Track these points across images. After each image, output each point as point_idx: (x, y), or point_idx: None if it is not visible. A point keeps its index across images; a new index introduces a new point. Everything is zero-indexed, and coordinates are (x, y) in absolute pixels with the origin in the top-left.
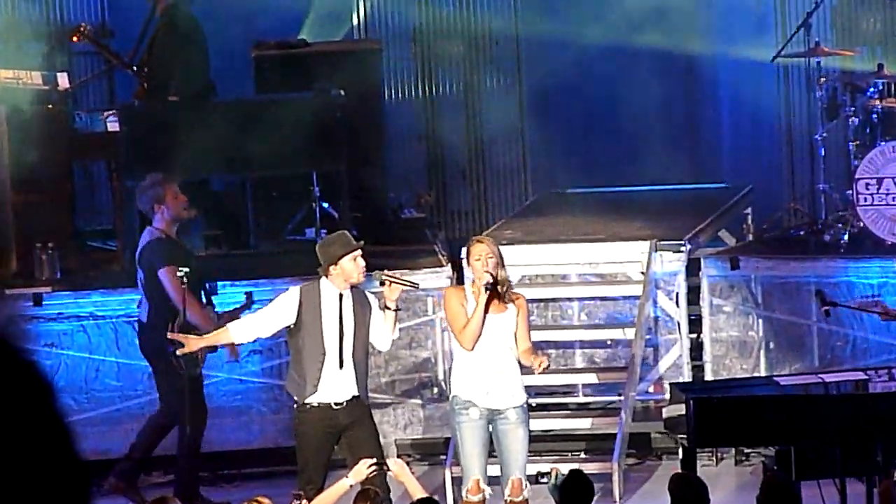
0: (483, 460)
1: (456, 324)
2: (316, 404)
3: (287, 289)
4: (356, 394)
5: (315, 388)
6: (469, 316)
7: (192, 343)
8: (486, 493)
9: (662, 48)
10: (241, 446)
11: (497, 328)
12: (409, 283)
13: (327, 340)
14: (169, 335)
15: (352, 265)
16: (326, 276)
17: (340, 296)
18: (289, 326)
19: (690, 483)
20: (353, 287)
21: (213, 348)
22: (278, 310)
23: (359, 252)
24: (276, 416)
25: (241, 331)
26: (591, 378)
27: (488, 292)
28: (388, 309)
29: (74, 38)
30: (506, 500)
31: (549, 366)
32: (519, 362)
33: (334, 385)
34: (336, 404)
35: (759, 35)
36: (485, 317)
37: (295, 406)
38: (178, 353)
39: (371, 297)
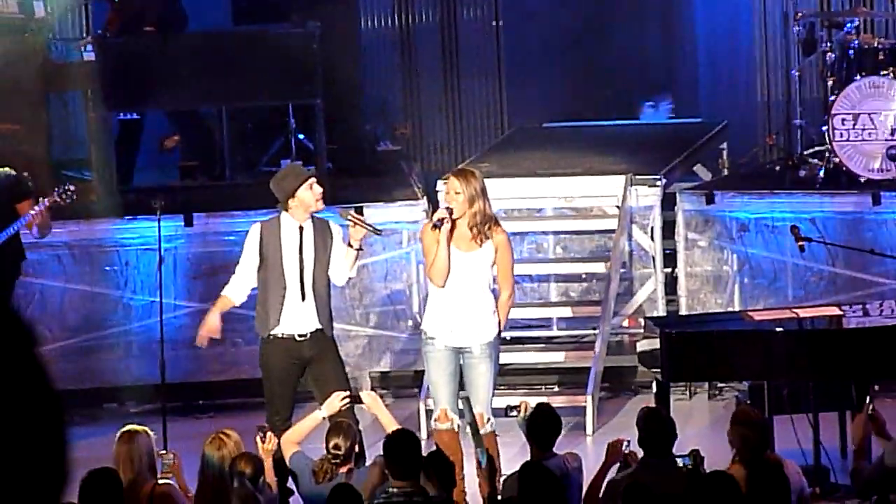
0: (450, 390)
1: (427, 260)
2: (280, 335)
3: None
4: (319, 326)
5: (277, 321)
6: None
7: (211, 323)
8: (455, 422)
9: None
10: (215, 377)
11: (467, 265)
12: (370, 228)
13: (288, 273)
14: (198, 340)
15: (308, 194)
16: (287, 210)
17: (301, 228)
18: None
19: (658, 417)
20: (315, 218)
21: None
22: (248, 254)
23: (313, 180)
24: (250, 347)
25: (237, 291)
26: (566, 312)
27: (437, 229)
28: (351, 247)
29: None
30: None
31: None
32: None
33: (297, 317)
34: (300, 335)
35: None
36: (449, 252)
37: (259, 339)
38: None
39: (335, 227)
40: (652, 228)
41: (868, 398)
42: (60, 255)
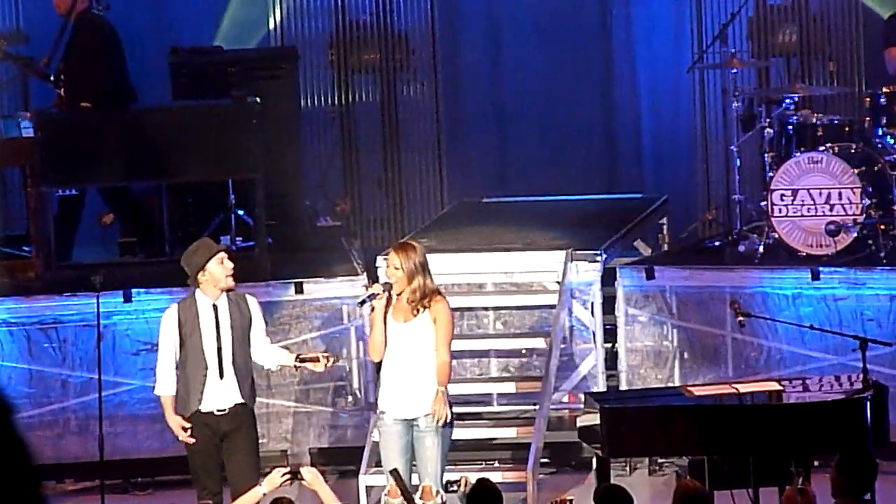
0: (401, 464)
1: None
2: (198, 412)
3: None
4: (240, 401)
5: (199, 399)
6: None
7: (176, 423)
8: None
9: (580, 57)
10: (155, 454)
11: (405, 337)
12: (324, 363)
13: (207, 353)
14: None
15: (219, 268)
16: (198, 286)
17: (215, 306)
18: None
19: (618, 495)
20: (230, 294)
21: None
22: (167, 338)
23: (223, 255)
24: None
25: (165, 383)
26: (507, 387)
27: (365, 303)
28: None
29: None
30: None
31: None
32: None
33: (216, 394)
34: (219, 411)
35: (676, 44)
36: (385, 327)
37: (182, 418)
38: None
39: (252, 303)
40: (592, 304)
41: (798, 473)
42: None
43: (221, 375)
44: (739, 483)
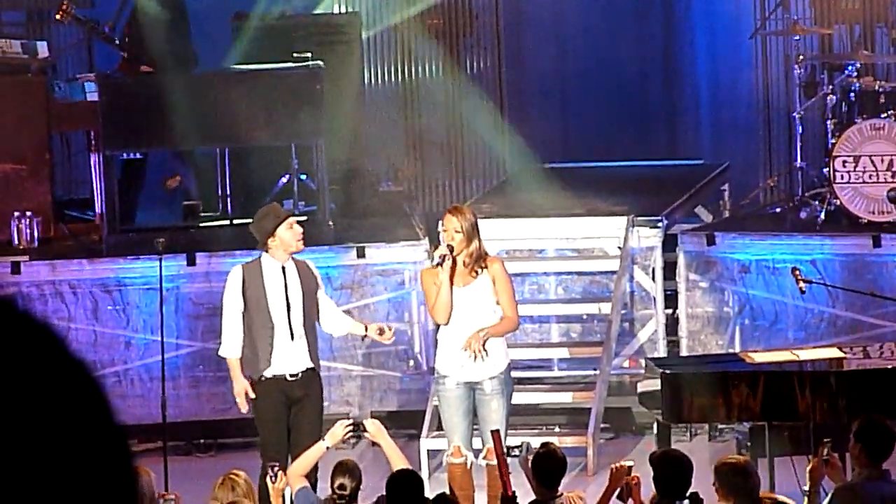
0: (463, 427)
1: (429, 302)
2: (271, 377)
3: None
4: (310, 365)
5: (268, 361)
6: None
7: (240, 387)
8: (469, 457)
9: (642, 24)
10: (217, 416)
11: (467, 300)
12: (390, 334)
13: (275, 314)
14: (241, 407)
15: (289, 233)
16: (267, 251)
17: (283, 268)
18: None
19: (676, 459)
20: (296, 259)
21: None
22: (231, 301)
23: (293, 219)
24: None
25: (235, 346)
26: (567, 352)
27: (439, 266)
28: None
29: (57, 17)
30: (485, 464)
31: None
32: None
33: (287, 357)
34: (291, 376)
35: (737, 11)
36: (451, 289)
37: (251, 382)
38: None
39: (316, 271)
40: (653, 269)
41: (825, 443)
42: (63, 293)
43: (292, 337)
44: (800, 449)
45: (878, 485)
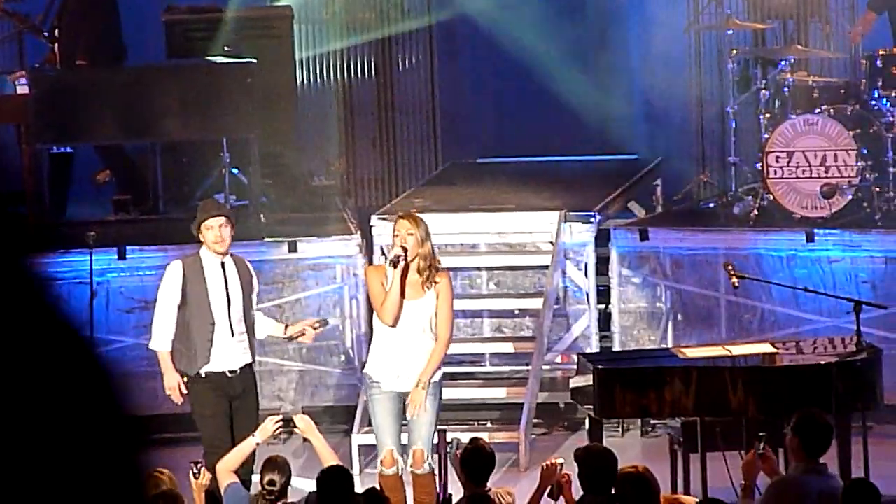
0: (395, 431)
1: (376, 301)
2: (210, 373)
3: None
4: (249, 361)
5: (207, 358)
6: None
7: (171, 382)
8: (400, 464)
9: (576, 18)
10: (148, 412)
11: (413, 314)
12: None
13: (215, 309)
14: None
15: (209, 234)
16: (203, 244)
17: (223, 264)
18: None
19: (601, 454)
20: (234, 255)
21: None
22: (169, 294)
23: (213, 221)
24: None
25: (163, 338)
26: (499, 348)
27: (395, 267)
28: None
29: None
30: (410, 472)
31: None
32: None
33: (227, 354)
34: (230, 372)
35: (670, 6)
36: (402, 292)
37: (186, 380)
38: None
39: (252, 270)
40: (586, 265)
41: (760, 437)
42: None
43: (232, 333)
44: (732, 445)
45: (814, 479)
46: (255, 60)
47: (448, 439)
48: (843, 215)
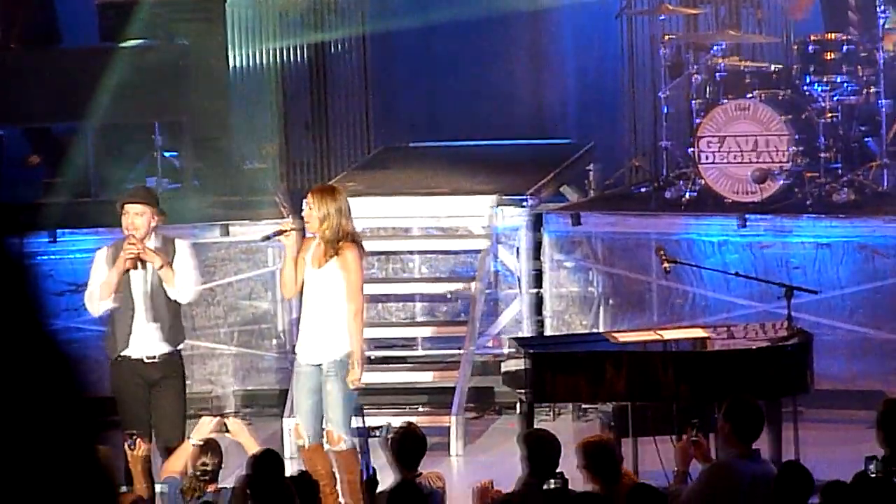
0: (306, 406)
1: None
2: (128, 358)
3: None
4: (169, 349)
5: (126, 343)
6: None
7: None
8: (307, 438)
9: (507, 2)
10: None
11: (316, 283)
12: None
13: (136, 294)
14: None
15: (123, 219)
16: None
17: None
18: None
19: (544, 439)
20: (165, 239)
21: None
22: (96, 276)
23: (131, 208)
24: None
25: (92, 306)
26: (432, 331)
27: (266, 238)
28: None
29: None
30: (330, 451)
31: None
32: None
33: (145, 339)
34: (148, 358)
35: None
36: (296, 266)
37: (109, 362)
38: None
39: (179, 245)
40: (518, 249)
41: (693, 424)
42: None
43: (151, 319)
44: (663, 430)
45: (747, 464)
46: (187, 43)
47: (379, 424)
48: (774, 201)
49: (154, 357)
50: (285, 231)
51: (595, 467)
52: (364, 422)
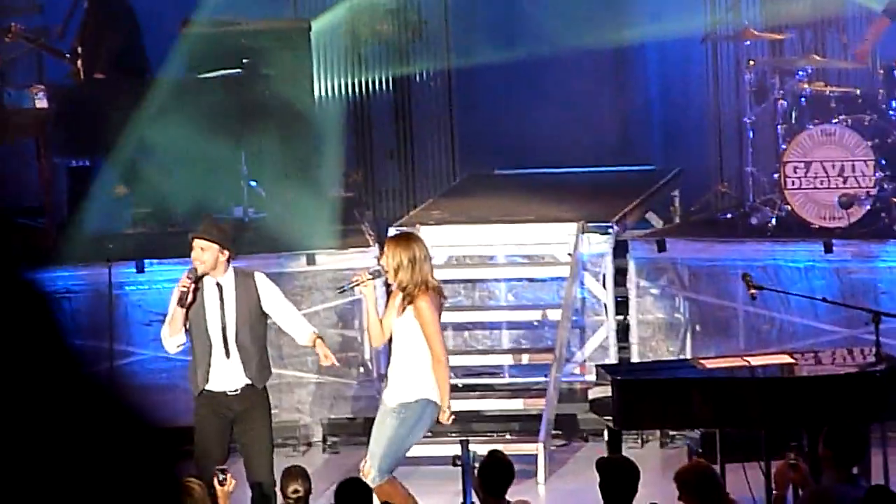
0: (373, 441)
1: None
2: (209, 391)
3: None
4: (248, 382)
5: (206, 378)
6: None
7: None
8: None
9: (593, 28)
10: (166, 423)
11: (396, 330)
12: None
13: (211, 330)
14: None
15: (192, 252)
16: None
17: (219, 284)
18: None
19: (620, 466)
20: (237, 271)
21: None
22: (174, 305)
23: (196, 242)
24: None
25: (165, 342)
26: (518, 359)
27: (344, 292)
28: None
29: (7, 39)
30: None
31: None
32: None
33: (224, 374)
34: (230, 392)
35: (688, 15)
36: (377, 314)
37: (193, 396)
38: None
39: (259, 279)
40: (604, 276)
41: (791, 448)
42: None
43: (227, 354)
44: (751, 456)
45: (847, 489)
46: (272, 73)
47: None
48: (861, 226)
49: (236, 390)
50: (362, 281)
51: (699, 495)
52: (468, 450)
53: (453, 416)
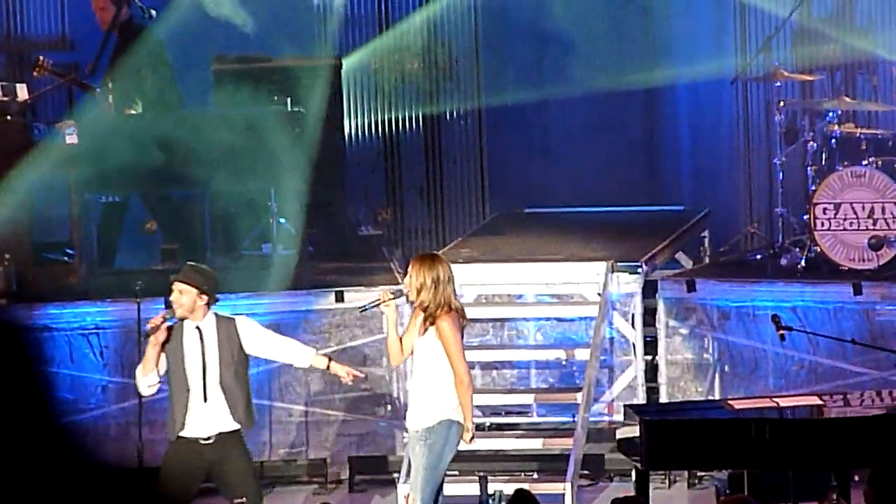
0: (408, 469)
1: None
2: (185, 437)
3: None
4: (226, 428)
5: (182, 424)
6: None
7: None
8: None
9: (623, 68)
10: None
11: (418, 351)
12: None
13: (191, 375)
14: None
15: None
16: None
17: (198, 328)
18: None
19: None
20: (218, 316)
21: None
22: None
23: (175, 285)
24: None
25: (138, 382)
26: (546, 398)
27: (365, 310)
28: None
29: (35, 73)
30: None
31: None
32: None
33: (201, 420)
34: (204, 439)
35: (719, 57)
36: (398, 334)
37: (168, 441)
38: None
39: (241, 323)
40: (633, 315)
41: (833, 488)
42: (39, 337)
43: (205, 399)
44: (779, 497)
45: None
46: (303, 110)
47: (491, 491)
48: (890, 268)
49: (209, 438)
50: (383, 301)
51: None
52: (487, 489)
53: (471, 441)
